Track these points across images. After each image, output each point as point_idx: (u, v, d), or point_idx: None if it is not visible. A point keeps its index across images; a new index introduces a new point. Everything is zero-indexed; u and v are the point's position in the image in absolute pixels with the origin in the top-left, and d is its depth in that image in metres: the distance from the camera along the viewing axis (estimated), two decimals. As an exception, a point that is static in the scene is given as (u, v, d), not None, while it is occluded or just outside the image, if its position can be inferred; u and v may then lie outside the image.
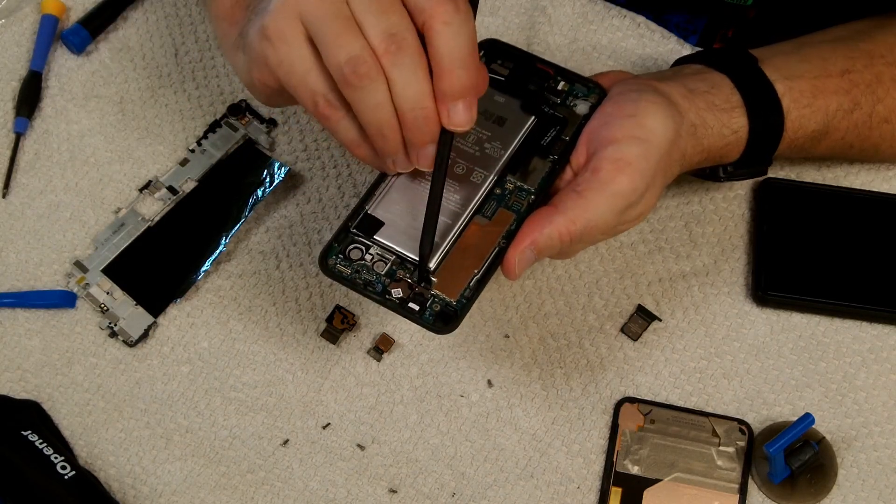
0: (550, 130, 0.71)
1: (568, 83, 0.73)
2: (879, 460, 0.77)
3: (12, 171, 0.85)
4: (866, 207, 0.82)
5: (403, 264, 0.66)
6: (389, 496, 0.77)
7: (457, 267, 0.66)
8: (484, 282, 0.66)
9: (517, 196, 0.69)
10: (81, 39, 0.88)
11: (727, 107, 0.73)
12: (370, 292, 0.65)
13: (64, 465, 0.74)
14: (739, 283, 0.82)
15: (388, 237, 0.67)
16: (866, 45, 0.78)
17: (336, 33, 0.60)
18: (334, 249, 0.67)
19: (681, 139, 0.69)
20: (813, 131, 0.76)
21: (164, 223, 0.84)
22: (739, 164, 0.76)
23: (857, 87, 0.77)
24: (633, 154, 0.66)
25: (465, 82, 0.61)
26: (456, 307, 0.65)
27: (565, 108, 0.72)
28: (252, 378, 0.80)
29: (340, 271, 0.66)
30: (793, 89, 0.75)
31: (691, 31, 0.91)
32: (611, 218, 0.66)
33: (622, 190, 0.66)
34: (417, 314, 0.65)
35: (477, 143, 0.70)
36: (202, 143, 0.86)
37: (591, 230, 0.66)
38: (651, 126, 0.67)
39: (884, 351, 0.80)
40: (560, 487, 0.77)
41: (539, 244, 0.65)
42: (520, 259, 0.65)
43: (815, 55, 0.77)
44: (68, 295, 0.81)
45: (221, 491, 0.77)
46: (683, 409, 0.78)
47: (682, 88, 0.72)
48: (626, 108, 0.68)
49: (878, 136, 0.79)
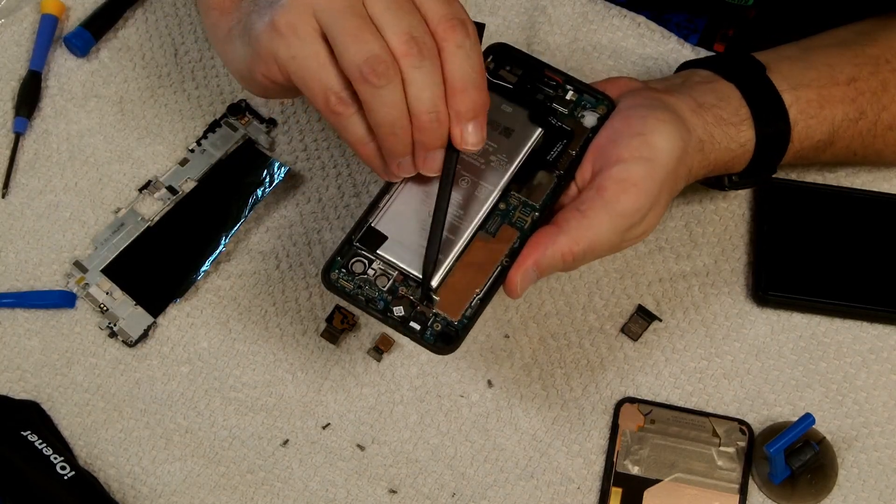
0: (557, 144, 0.70)
1: (577, 93, 0.71)
2: (880, 460, 0.77)
3: (12, 171, 0.85)
4: (867, 207, 0.82)
5: (406, 281, 0.66)
6: (389, 496, 0.77)
7: (459, 285, 0.66)
8: (486, 301, 0.66)
9: (521, 212, 0.68)
10: (84, 42, 0.88)
11: (735, 120, 0.72)
12: (372, 309, 0.65)
13: (64, 466, 0.74)
14: (739, 283, 0.82)
15: (391, 252, 0.66)
16: (871, 49, 0.78)
17: (354, 31, 0.60)
18: (337, 263, 0.66)
19: (688, 156, 0.69)
20: (818, 141, 0.76)
21: (164, 223, 0.84)
22: (744, 174, 0.76)
23: (863, 95, 0.76)
24: (639, 174, 0.66)
25: (477, 102, 0.62)
26: (457, 327, 0.65)
27: (573, 119, 0.71)
28: (252, 378, 0.80)
29: (343, 286, 0.66)
30: (800, 99, 0.75)
31: (692, 31, 0.90)
32: (614, 237, 0.66)
33: (626, 210, 0.65)
34: (419, 334, 0.65)
35: (482, 155, 0.69)
36: (202, 142, 0.86)
37: (594, 249, 0.66)
38: (659, 145, 0.67)
39: (884, 351, 0.80)
40: (560, 487, 0.77)
41: (542, 265, 0.65)
42: (522, 279, 0.65)
43: (821, 62, 0.77)
44: (68, 295, 0.81)
45: (221, 491, 0.77)
46: (684, 410, 0.78)
47: (692, 102, 0.72)
48: (634, 125, 0.68)
49: (882, 143, 0.79)
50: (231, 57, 0.69)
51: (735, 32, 0.90)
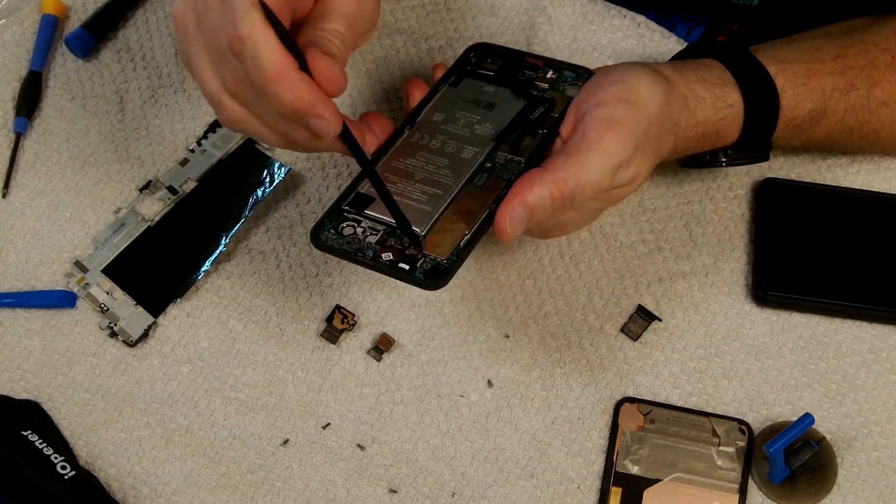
0: (540, 108, 0.72)
1: (557, 72, 0.74)
2: (879, 460, 0.77)
3: (12, 171, 0.85)
4: (866, 207, 0.82)
5: (394, 233, 0.67)
6: (389, 496, 0.77)
7: (447, 230, 0.67)
8: (474, 242, 0.66)
9: (508, 167, 0.69)
10: (85, 42, 0.88)
11: (718, 82, 0.73)
12: (361, 258, 0.66)
13: (64, 465, 0.74)
14: (739, 283, 0.82)
15: (379, 210, 0.68)
16: (860, 35, 0.79)
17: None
18: (326, 225, 0.68)
19: (671, 108, 0.70)
20: (810, 111, 0.76)
21: (164, 223, 0.84)
22: (739, 146, 0.76)
23: (852, 69, 0.77)
24: (621, 113, 0.66)
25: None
26: (446, 264, 0.65)
27: (555, 91, 0.73)
28: (252, 378, 0.80)
29: (332, 244, 0.67)
30: (786, 71, 0.75)
31: (696, 24, 0.91)
32: (602, 178, 0.66)
33: (612, 148, 0.66)
34: (408, 273, 0.65)
35: (467, 126, 0.71)
36: (202, 143, 0.86)
37: (583, 190, 0.65)
38: (639, 90, 0.68)
39: (884, 351, 0.80)
40: (560, 487, 0.77)
41: (530, 203, 0.64)
42: (511, 218, 0.64)
43: (807, 45, 0.78)
44: (68, 295, 0.81)
45: (221, 491, 0.77)
46: (683, 409, 0.78)
47: (671, 67, 0.73)
48: (613, 76, 0.69)
49: (878, 120, 0.79)
50: None
51: (739, 28, 0.90)
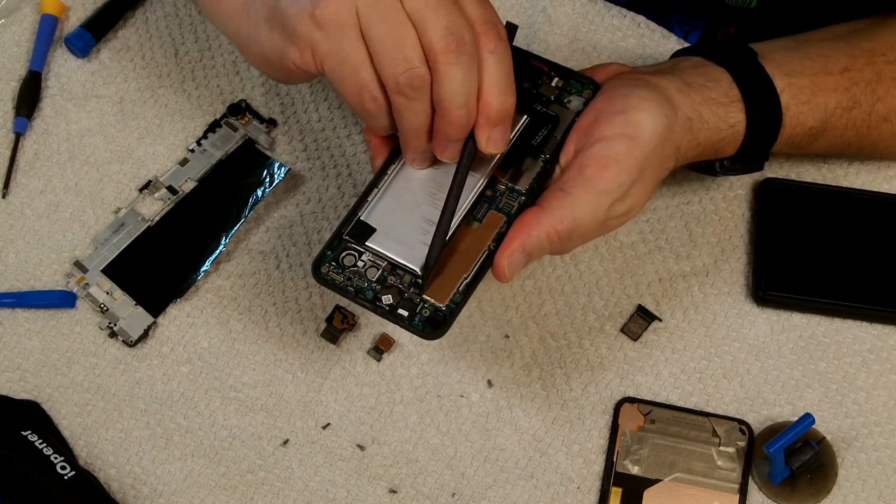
0: (542, 129, 0.70)
1: (562, 79, 0.72)
2: (880, 460, 0.77)
3: (12, 171, 0.85)
4: (866, 207, 0.82)
5: (395, 270, 0.67)
6: (389, 496, 0.77)
7: (446, 271, 0.66)
8: (473, 286, 0.66)
9: (508, 198, 0.69)
10: (84, 42, 0.88)
11: (725, 101, 0.72)
12: (361, 299, 0.66)
13: (64, 466, 0.74)
14: (739, 283, 0.82)
15: (379, 244, 0.67)
16: (867, 42, 0.78)
17: (395, 37, 0.61)
18: (327, 257, 0.67)
19: (674, 134, 0.69)
20: (811, 128, 0.76)
21: (164, 223, 0.84)
22: (736, 158, 0.75)
23: (857, 84, 0.76)
24: (620, 151, 0.66)
25: (506, 108, 0.64)
26: (445, 312, 0.65)
27: (559, 105, 0.71)
28: (252, 378, 0.80)
29: (333, 279, 0.67)
30: (792, 85, 0.75)
31: (693, 28, 0.91)
32: (598, 214, 0.66)
33: (607, 187, 0.65)
34: (407, 320, 0.65)
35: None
36: (202, 143, 0.86)
37: (579, 228, 0.66)
38: (641, 122, 0.67)
39: (884, 351, 0.80)
40: (560, 487, 0.77)
41: (528, 247, 0.65)
42: (509, 263, 0.65)
43: (816, 52, 0.77)
44: (68, 295, 0.81)
45: (221, 491, 0.77)
46: (683, 409, 0.78)
47: (679, 82, 0.72)
48: (616, 104, 0.68)
49: (878, 134, 0.79)
50: (250, 39, 0.68)
51: (736, 31, 0.90)
